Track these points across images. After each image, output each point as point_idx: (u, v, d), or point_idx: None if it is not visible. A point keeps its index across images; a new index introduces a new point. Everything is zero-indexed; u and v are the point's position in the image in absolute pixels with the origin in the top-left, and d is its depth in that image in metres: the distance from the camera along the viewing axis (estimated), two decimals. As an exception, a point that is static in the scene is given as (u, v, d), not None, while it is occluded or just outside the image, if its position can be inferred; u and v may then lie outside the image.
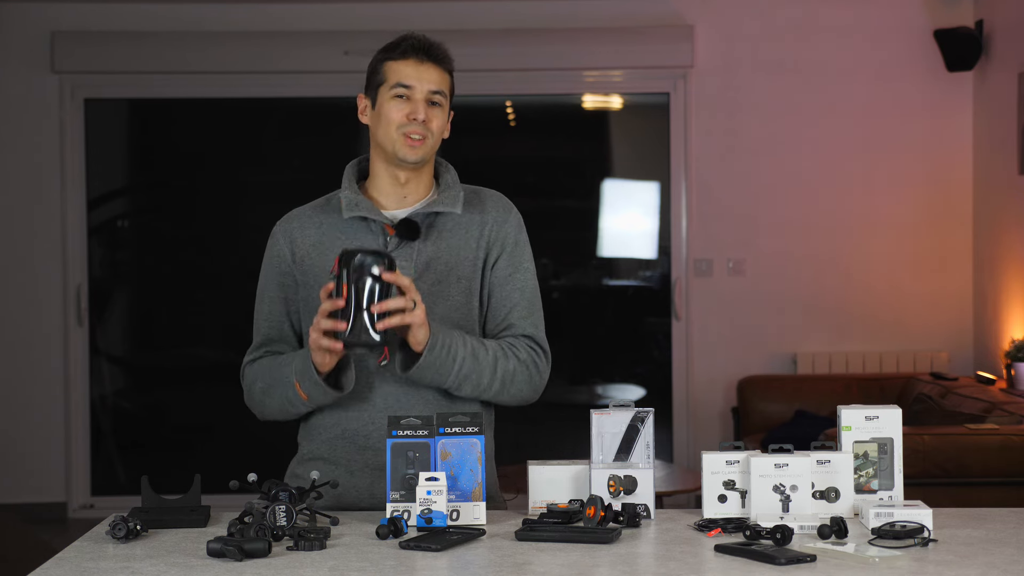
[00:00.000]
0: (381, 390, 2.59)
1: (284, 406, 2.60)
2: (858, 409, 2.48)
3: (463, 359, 2.51)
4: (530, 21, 6.94)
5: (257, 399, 2.66)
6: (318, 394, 2.53)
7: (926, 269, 6.95)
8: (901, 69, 6.91)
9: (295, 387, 2.54)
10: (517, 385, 2.60)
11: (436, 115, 2.59)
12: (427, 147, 2.58)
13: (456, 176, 2.69)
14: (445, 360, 2.49)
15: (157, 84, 7.07)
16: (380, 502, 2.55)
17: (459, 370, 2.52)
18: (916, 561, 2.14)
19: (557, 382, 7.70)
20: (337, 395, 2.53)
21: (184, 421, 7.35)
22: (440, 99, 2.59)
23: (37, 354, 6.96)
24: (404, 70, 2.57)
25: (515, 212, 2.70)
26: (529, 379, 2.62)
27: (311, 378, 2.50)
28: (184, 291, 7.36)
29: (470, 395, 2.58)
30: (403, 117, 2.56)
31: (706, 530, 2.34)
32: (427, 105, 2.58)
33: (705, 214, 6.97)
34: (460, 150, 7.54)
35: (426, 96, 2.58)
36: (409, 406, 2.59)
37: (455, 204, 2.62)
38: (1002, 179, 6.48)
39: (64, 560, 2.18)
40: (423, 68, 2.58)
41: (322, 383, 2.50)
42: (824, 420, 6.10)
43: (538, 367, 2.63)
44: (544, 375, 2.66)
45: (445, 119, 2.62)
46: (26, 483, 6.89)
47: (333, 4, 6.94)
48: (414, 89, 2.57)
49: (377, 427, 2.59)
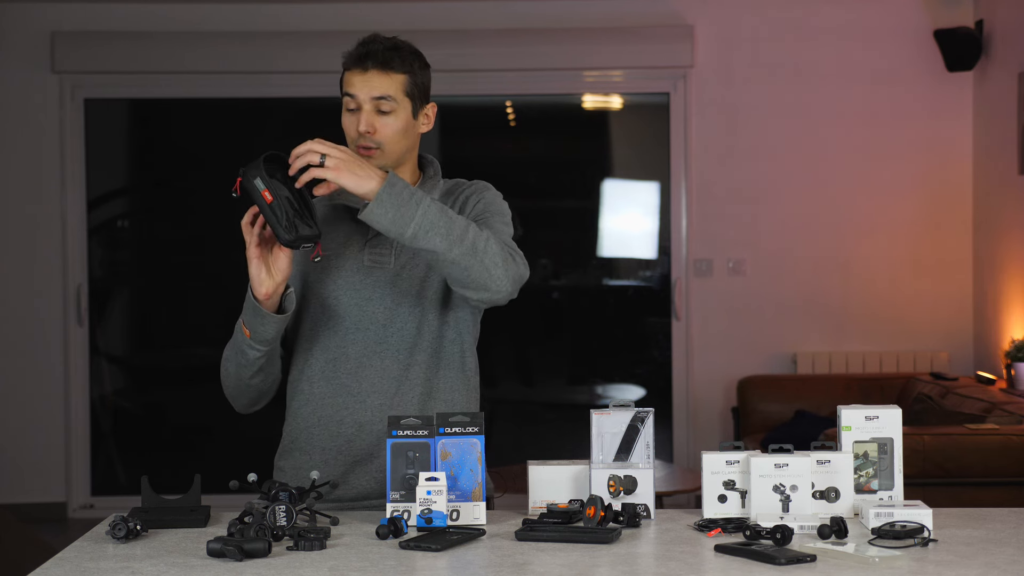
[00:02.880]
0: (359, 376, 2.60)
1: (241, 361, 2.57)
2: (858, 409, 2.48)
3: (428, 205, 2.40)
4: (530, 21, 6.94)
5: (224, 374, 2.65)
6: (258, 322, 2.50)
7: (926, 269, 6.95)
8: (901, 69, 6.91)
9: (241, 329, 2.53)
10: (491, 256, 2.43)
11: (386, 122, 2.57)
12: (382, 156, 2.58)
13: (439, 168, 2.73)
14: (407, 200, 2.38)
15: (157, 84, 7.07)
16: (354, 491, 2.58)
17: (424, 214, 2.38)
18: (916, 561, 2.14)
19: (557, 382, 7.73)
20: (278, 318, 2.50)
21: (184, 421, 7.36)
22: (389, 104, 2.57)
23: (37, 354, 6.96)
24: (351, 79, 2.59)
25: (492, 188, 2.70)
26: (504, 259, 2.46)
27: (250, 305, 2.49)
28: (184, 291, 7.36)
29: (438, 248, 2.39)
30: (354, 130, 2.58)
31: (706, 530, 2.34)
32: (374, 113, 2.57)
33: (705, 214, 6.97)
34: (460, 150, 7.60)
35: (372, 105, 2.57)
36: (386, 390, 2.59)
37: (433, 191, 2.66)
38: (1002, 179, 6.49)
39: (64, 560, 2.18)
40: (366, 76, 2.57)
41: (256, 302, 2.47)
42: (824, 420, 6.11)
43: (514, 258, 2.49)
44: (521, 269, 2.51)
45: (400, 123, 2.59)
46: (26, 483, 6.89)
47: (333, 4, 6.94)
48: (359, 98, 2.58)
49: (352, 412, 2.60)
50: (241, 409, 2.70)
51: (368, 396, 2.60)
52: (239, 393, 2.65)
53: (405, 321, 2.61)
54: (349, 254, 2.64)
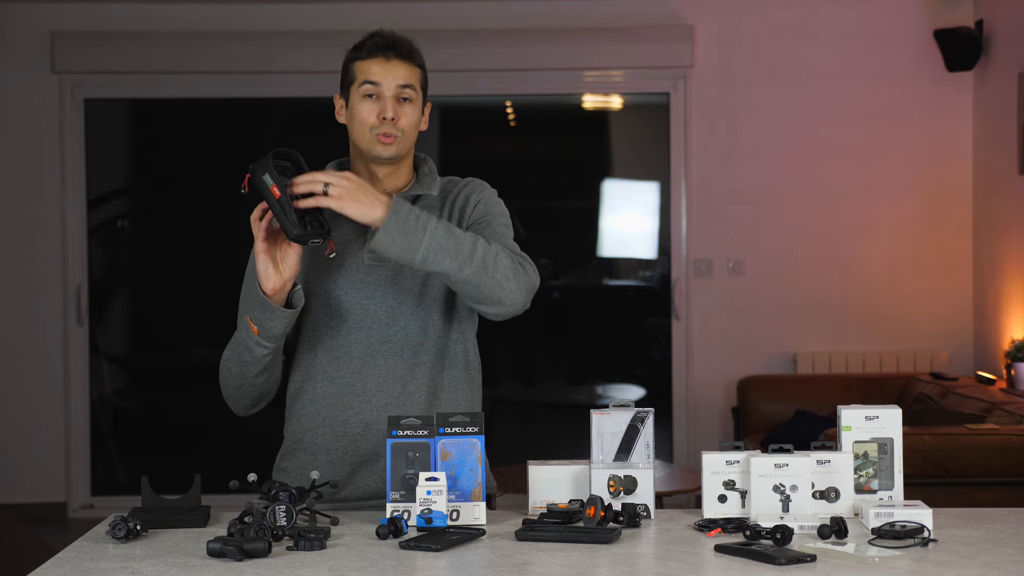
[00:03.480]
0: (363, 375, 2.60)
1: (246, 359, 2.55)
2: (858, 409, 2.48)
3: (435, 228, 2.41)
4: (530, 21, 6.94)
5: (224, 374, 2.63)
6: (266, 317, 2.48)
7: (926, 268, 6.95)
8: (901, 69, 6.91)
9: (248, 326, 2.51)
10: (502, 270, 2.45)
11: (406, 111, 2.60)
12: (400, 144, 2.60)
13: (434, 167, 2.73)
14: (414, 226, 2.39)
15: (157, 84, 7.07)
16: (360, 491, 2.58)
17: (432, 238, 2.39)
18: (916, 561, 2.14)
19: (557, 382, 7.73)
20: (288, 313, 2.49)
21: (184, 421, 7.36)
22: (410, 93, 2.60)
23: (37, 354, 6.96)
24: (371, 68, 2.59)
25: (489, 187, 2.71)
26: (515, 271, 2.47)
27: (257, 299, 2.47)
28: (184, 291, 7.36)
29: (449, 271, 2.42)
30: (374, 118, 2.59)
31: (706, 530, 2.34)
32: (397, 102, 2.59)
33: (705, 214, 6.97)
34: (460, 150, 7.60)
35: (395, 93, 2.59)
36: (390, 389, 2.59)
37: (431, 187, 2.66)
38: (1002, 179, 6.49)
39: (64, 560, 2.18)
40: (390, 65, 2.59)
41: (265, 297, 2.46)
42: (824, 420, 6.11)
43: (524, 267, 2.50)
44: (532, 278, 2.52)
45: (418, 114, 2.63)
46: (26, 483, 6.89)
47: (333, 4, 6.94)
48: (382, 86, 2.59)
49: (357, 412, 2.60)
50: (241, 411, 2.69)
51: (373, 396, 2.60)
52: (241, 394, 2.64)
53: (408, 320, 2.61)
54: (349, 253, 2.64)
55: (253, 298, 2.50)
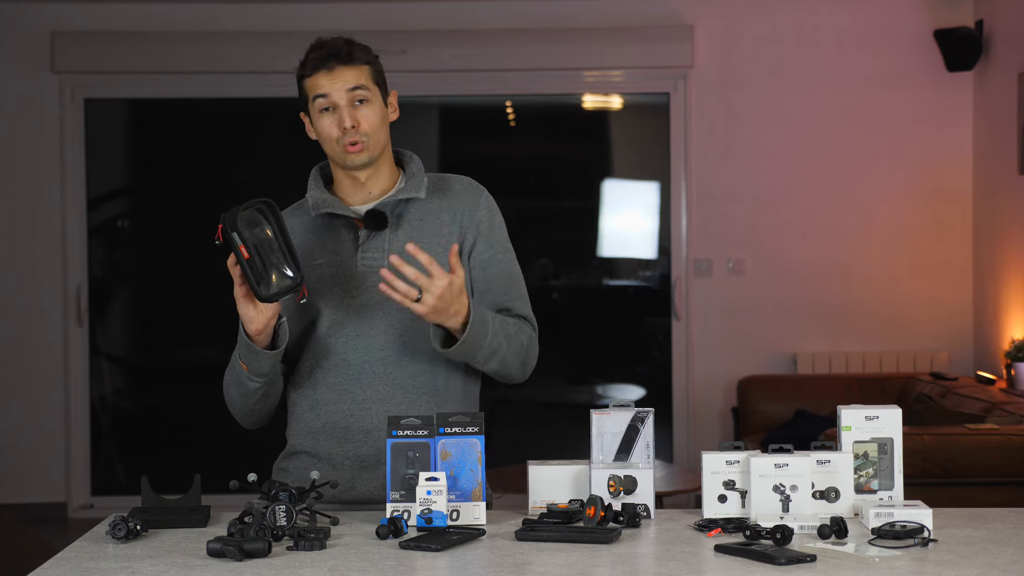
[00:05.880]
0: (361, 382, 2.60)
1: (242, 390, 2.60)
2: (858, 409, 2.48)
3: (493, 333, 2.53)
4: (530, 21, 6.94)
5: (227, 397, 2.67)
6: (252, 358, 2.53)
7: (926, 268, 6.94)
8: (901, 69, 6.91)
9: (239, 363, 2.56)
10: (531, 360, 2.65)
11: (365, 113, 2.60)
12: (369, 147, 2.60)
13: (420, 164, 2.71)
14: (481, 337, 2.51)
15: (157, 84, 7.07)
16: (362, 495, 2.57)
17: (489, 344, 2.53)
18: (916, 561, 2.14)
19: (557, 382, 7.73)
20: (272, 354, 2.53)
21: (184, 421, 7.36)
22: (364, 94, 2.60)
23: (37, 354, 6.96)
24: (319, 82, 2.60)
25: (485, 194, 2.70)
26: (534, 356, 2.66)
27: (243, 342, 2.52)
28: (184, 291, 7.36)
29: (494, 372, 2.59)
30: (336, 129, 2.59)
31: (706, 530, 2.34)
32: (352, 107, 2.59)
33: (705, 214, 6.97)
34: (460, 150, 7.60)
35: (348, 100, 2.59)
36: (390, 397, 2.59)
37: (419, 189, 2.65)
38: (1002, 179, 6.49)
39: (64, 560, 2.18)
40: (334, 74, 2.59)
41: (248, 339, 2.50)
42: (824, 420, 6.10)
43: (535, 346, 2.68)
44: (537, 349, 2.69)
45: (380, 110, 2.62)
46: (26, 483, 6.89)
47: (333, 4, 6.94)
48: (332, 97, 2.59)
49: (357, 419, 2.59)
50: (248, 427, 2.73)
51: (373, 403, 2.59)
52: (244, 414, 2.68)
53: (407, 326, 2.60)
54: (342, 260, 2.63)
55: (240, 339, 2.53)
